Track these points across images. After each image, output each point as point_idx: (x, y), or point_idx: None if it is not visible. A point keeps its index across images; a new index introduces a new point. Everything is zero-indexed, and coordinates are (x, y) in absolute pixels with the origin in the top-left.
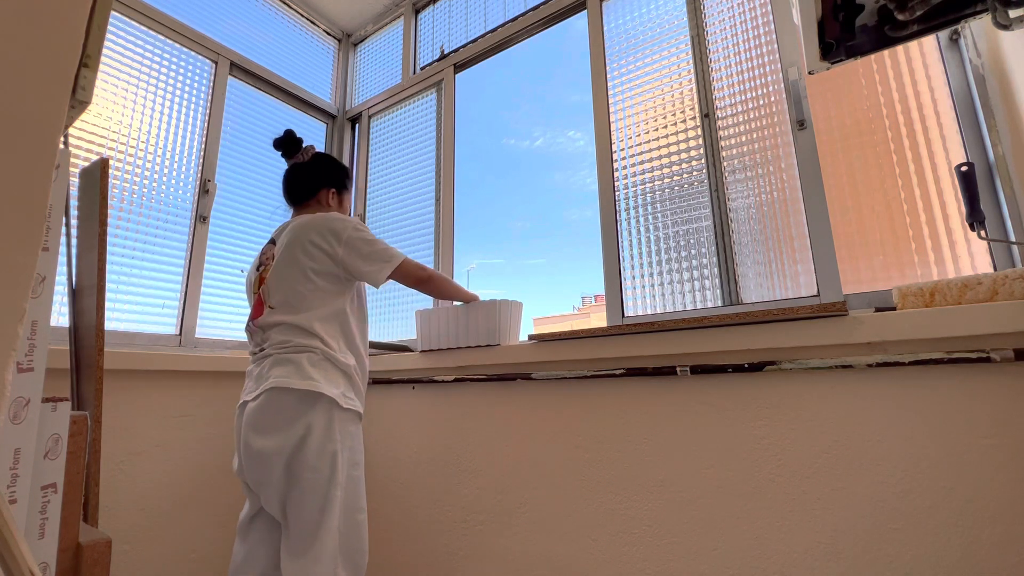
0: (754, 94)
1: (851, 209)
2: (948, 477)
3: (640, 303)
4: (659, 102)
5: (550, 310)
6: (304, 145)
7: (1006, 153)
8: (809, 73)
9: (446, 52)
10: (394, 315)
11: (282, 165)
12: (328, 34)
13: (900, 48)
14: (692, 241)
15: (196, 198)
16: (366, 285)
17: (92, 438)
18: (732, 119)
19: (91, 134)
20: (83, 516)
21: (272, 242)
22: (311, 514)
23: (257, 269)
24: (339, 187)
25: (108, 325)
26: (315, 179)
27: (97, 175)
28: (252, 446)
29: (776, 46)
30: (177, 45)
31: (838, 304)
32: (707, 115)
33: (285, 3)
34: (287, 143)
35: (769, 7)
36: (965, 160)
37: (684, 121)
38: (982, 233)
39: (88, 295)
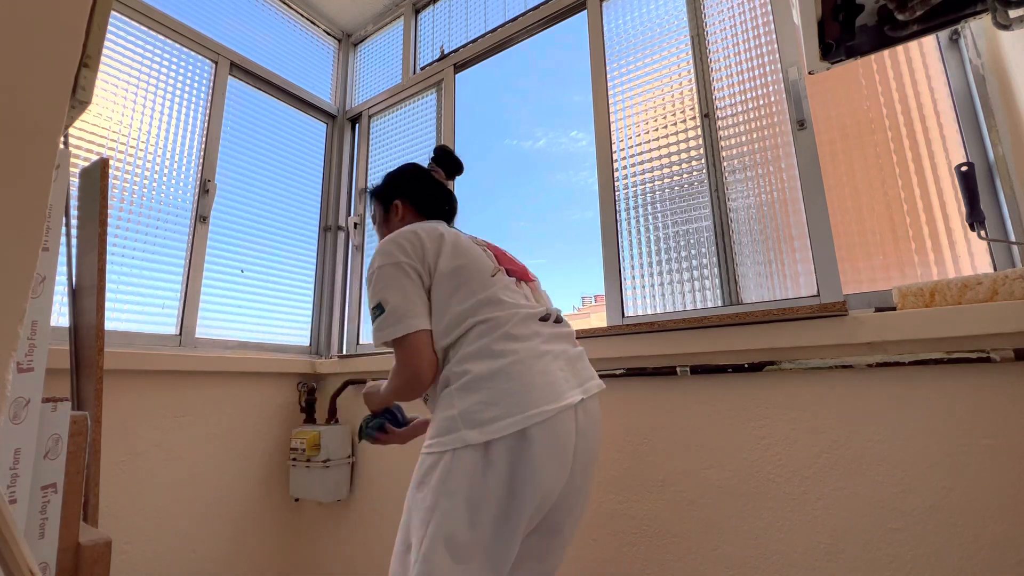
0: (754, 94)
1: (851, 209)
2: (948, 477)
3: (640, 303)
4: (659, 102)
5: None
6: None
7: (1006, 153)
8: (809, 73)
9: (446, 52)
10: None
11: (280, 165)
12: (328, 34)
13: (900, 48)
14: (692, 241)
15: (196, 198)
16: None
17: (92, 438)
18: (732, 119)
19: (91, 134)
20: (83, 516)
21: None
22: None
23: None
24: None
25: (108, 325)
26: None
27: (97, 175)
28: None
29: (776, 46)
30: (177, 45)
31: (838, 304)
32: (707, 115)
33: (285, 3)
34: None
35: (769, 7)
36: (965, 160)
37: (684, 121)
38: (982, 233)
39: (88, 295)
